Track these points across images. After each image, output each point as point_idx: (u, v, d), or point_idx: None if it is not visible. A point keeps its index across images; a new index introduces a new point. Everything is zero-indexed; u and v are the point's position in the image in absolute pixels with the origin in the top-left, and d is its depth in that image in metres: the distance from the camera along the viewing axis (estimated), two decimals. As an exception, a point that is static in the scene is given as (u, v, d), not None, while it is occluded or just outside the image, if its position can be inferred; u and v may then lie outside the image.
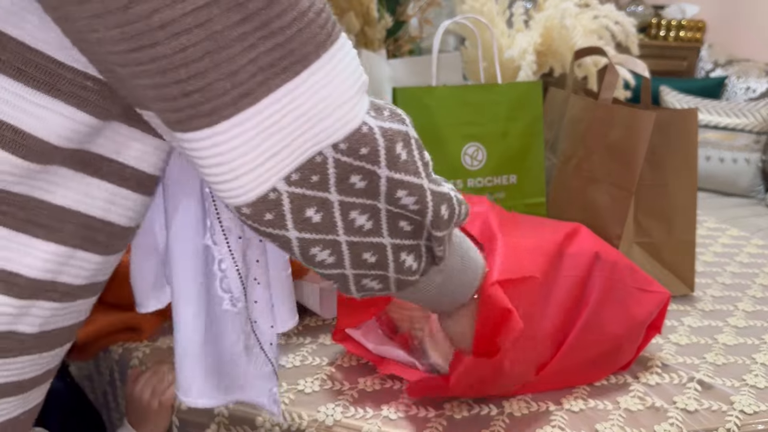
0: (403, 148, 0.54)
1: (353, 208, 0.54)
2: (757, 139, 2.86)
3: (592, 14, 1.56)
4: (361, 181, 0.53)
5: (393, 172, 0.53)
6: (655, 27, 3.77)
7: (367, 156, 0.51)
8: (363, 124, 0.50)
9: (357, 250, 0.56)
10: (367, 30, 1.55)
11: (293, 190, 0.50)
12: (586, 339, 0.81)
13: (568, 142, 1.22)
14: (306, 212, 0.51)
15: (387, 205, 0.55)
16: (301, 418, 0.76)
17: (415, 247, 0.59)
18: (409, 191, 0.55)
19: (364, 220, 0.55)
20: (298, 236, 0.53)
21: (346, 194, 0.53)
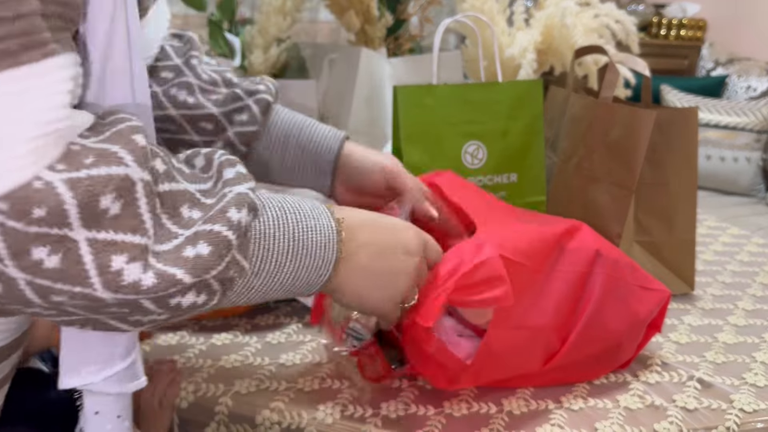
0: (117, 198, 0.43)
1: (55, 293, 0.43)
2: (758, 137, 2.86)
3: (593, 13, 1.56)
4: (51, 255, 0.42)
5: (95, 232, 0.43)
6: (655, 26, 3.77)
7: (46, 219, 0.41)
8: (35, 179, 0.40)
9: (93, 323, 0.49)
10: (367, 28, 1.55)
11: None
12: (589, 335, 0.81)
13: (568, 141, 1.22)
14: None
15: (105, 290, 0.44)
16: (301, 417, 0.76)
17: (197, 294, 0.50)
18: (130, 256, 0.44)
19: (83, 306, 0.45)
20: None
21: (35, 274, 0.42)
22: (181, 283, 0.47)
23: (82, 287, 0.44)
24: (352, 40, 1.60)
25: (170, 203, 0.49)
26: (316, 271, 0.59)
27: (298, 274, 0.58)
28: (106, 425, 0.61)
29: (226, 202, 0.50)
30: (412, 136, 1.09)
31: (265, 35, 1.49)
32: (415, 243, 0.67)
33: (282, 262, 0.56)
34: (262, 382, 0.82)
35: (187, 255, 0.47)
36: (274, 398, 0.78)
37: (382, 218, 0.68)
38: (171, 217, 0.49)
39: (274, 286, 0.57)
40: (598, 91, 1.17)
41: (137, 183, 0.44)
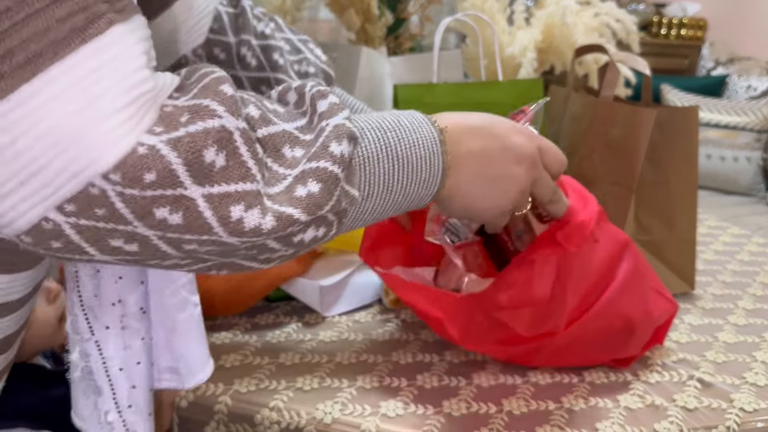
0: (219, 151, 0.44)
1: (185, 243, 0.46)
2: (758, 137, 2.86)
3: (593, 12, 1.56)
4: (173, 214, 0.43)
5: (209, 186, 0.44)
6: (656, 25, 3.77)
7: (158, 182, 0.42)
8: (138, 145, 0.41)
9: (228, 266, 0.51)
10: (367, 27, 1.55)
11: (76, 221, 0.42)
12: (608, 312, 0.81)
13: (568, 140, 1.21)
14: (112, 242, 0.44)
15: (236, 238, 0.46)
16: (300, 416, 0.76)
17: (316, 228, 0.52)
18: (246, 203, 0.45)
19: (215, 256, 0.48)
20: (116, 259, 0.46)
21: (164, 230, 0.44)
22: (299, 222, 0.48)
23: (209, 236, 0.45)
24: (352, 39, 1.60)
25: (272, 146, 0.49)
26: (424, 184, 0.58)
27: (407, 190, 0.57)
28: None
29: (326, 136, 0.50)
30: (412, 135, 1.08)
31: (265, 34, 1.49)
32: (527, 150, 0.63)
33: (390, 182, 0.56)
34: (262, 381, 0.82)
35: (300, 194, 0.48)
36: (273, 397, 0.78)
37: (492, 123, 0.64)
38: (276, 159, 0.49)
39: (386, 205, 0.57)
40: (599, 90, 1.17)
41: (234, 132, 0.45)
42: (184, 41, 0.83)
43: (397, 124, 0.57)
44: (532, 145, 0.64)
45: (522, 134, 0.64)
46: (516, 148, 0.63)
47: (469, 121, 0.62)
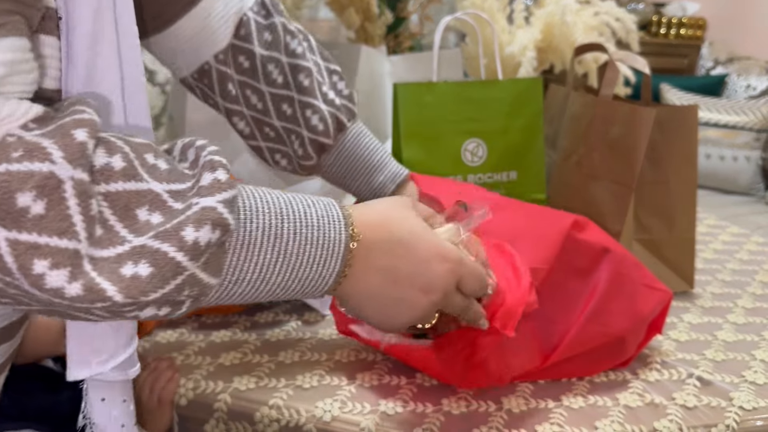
0: (37, 198, 0.40)
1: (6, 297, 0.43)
2: (758, 137, 2.86)
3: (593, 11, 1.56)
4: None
5: (16, 232, 0.40)
6: (655, 24, 3.77)
7: None
8: None
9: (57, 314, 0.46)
10: (367, 26, 1.55)
11: None
12: (592, 330, 0.81)
13: (568, 139, 1.22)
14: None
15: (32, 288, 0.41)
16: (299, 414, 0.76)
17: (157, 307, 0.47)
18: (54, 261, 0.40)
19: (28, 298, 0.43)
20: None
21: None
22: (111, 300, 0.43)
23: (11, 279, 0.41)
24: (351, 38, 1.60)
25: (124, 204, 0.44)
26: (311, 283, 0.54)
27: (288, 285, 0.53)
28: (113, 411, 0.62)
29: (186, 217, 0.45)
30: (412, 133, 1.09)
31: (264, 33, 1.49)
32: (440, 282, 0.59)
33: (268, 274, 0.51)
34: (261, 379, 0.82)
35: (125, 273, 0.43)
36: (272, 395, 0.78)
37: (416, 242, 0.58)
38: (122, 219, 0.44)
39: (259, 293, 0.52)
40: (598, 89, 1.17)
41: (65, 182, 0.41)
42: (206, 46, 0.80)
43: (302, 216, 0.52)
44: (451, 277, 0.59)
45: (445, 263, 0.59)
46: (429, 276, 0.58)
47: (391, 233, 0.57)
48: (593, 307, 0.81)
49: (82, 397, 0.84)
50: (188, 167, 0.50)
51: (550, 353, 0.80)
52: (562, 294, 0.81)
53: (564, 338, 0.80)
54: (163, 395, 0.80)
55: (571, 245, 0.82)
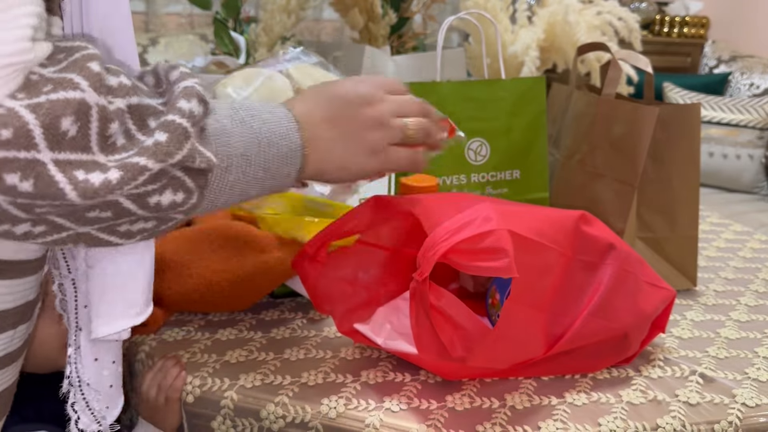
0: (75, 122, 0.46)
1: (37, 207, 0.47)
2: (761, 135, 2.86)
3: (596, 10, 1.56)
4: (23, 182, 0.45)
5: (58, 153, 0.45)
6: (658, 23, 3.77)
7: (14, 141, 0.43)
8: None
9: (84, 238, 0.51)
10: (371, 26, 1.55)
11: None
12: (595, 324, 0.81)
13: (571, 138, 1.22)
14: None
15: (81, 199, 0.47)
16: (305, 411, 0.77)
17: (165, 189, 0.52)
18: (87, 169, 0.47)
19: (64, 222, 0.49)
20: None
21: (15, 196, 0.45)
22: (147, 170, 0.49)
23: (61, 200, 0.46)
24: (356, 38, 1.61)
25: (138, 115, 0.50)
26: (284, 159, 0.61)
27: (268, 164, 0.60)
28: (103, 371, 0.67)
29: (175, 96, 0.52)
30: (416, 132, 1.09)
31: (269, 33, 1.50)
32: (368, 91, 0.68)
33: (248, 155, 0.58)
34: (267, 376, 0.82)
35: (147, 144, 0.49)
36: (278, 392, 0.79)
37: (334, 87, 0.68)
38: (140, 129, 0.50)
39: (249, 179, 0.58)
40: (601, 88, 1.18)
41: (92, 107, 0.46)
42: None
43: (248, 105, 0.60)
44: (372, 85, 0.68)
45: (361, 82, 0.68)
46: (360, 94, 0.67)
47: (310, 95, 0.66)
48: (598, 301, 0.81)
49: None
50: (153, 89, 0.56)
51: (554, 343, 0.80)
52: (569, 286, 0.81)
53: (568, 330, 0.81)
54: (171, 393, 0.81)
55: (579, 237, 0.82)
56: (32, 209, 0.47)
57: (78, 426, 0.65)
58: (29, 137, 0.44)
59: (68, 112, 0.45)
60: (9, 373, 0.60)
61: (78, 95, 0.45)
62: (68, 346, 0.65)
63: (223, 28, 1.48)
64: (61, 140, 0.45)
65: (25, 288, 0.59)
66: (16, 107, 0.43)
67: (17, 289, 0.58)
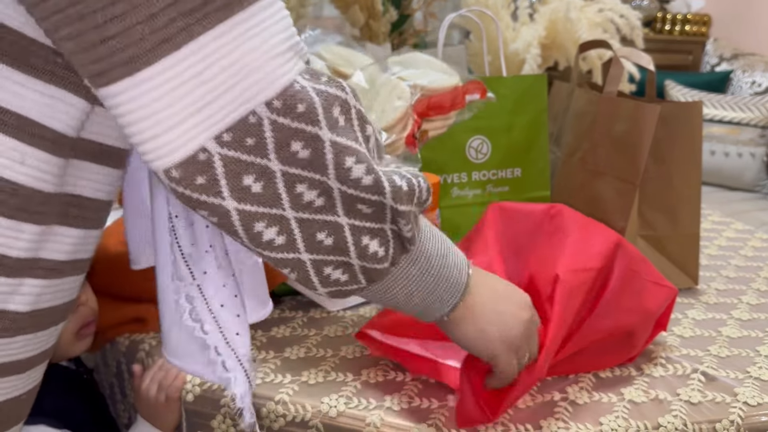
0: (341, 113, 0.52)
1: (299, 181, 0.51)
2: (762, 133, 2.85)
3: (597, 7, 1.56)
4: (304, 149, 0.50)
5: (335, 135, 0.51)
6: (660, 21, 3.76)
7: (305, 114, 0.49)
8: (295, 82, 0.49)
9: (309, 228, 0.54)
10: (371, 23, 1.55)
11: (226, 152, 0.48)
12: (603, 323, 0.81)
13: (572, 136, 1.22)
14: (244, 179, 0.49)
15: (339, 183, 0.52)
16: (305, 410, 0.76)
17: (378, 231, 0.56)
18: (357, 158, 0.52)
19: (314, 196, 0.53)
20: (238, 207, 0.50)
21: (289, 164, 0.50)
22: (385, 197, 0.54)
23: (321, 176, 0.52)
24: (356, 36, 1.60)
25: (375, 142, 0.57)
26: (456, 284, 0.64)
27: (446, 278, 0.63)
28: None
29: (415, 173, 0.58)
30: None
31: (269, 30, 1.49)
32: (527, 300, 0.71)
33: (432, 255, 0.62)
34: (267, 375, 0.82)
35: (394, 179, 0.55)
36: (279, 391, 0.79)
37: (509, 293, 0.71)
38: (377, 151, 0.57)
39: (412, 290, 0.62)
40: (603, 85, 1.17)
41: (352, 108, 0.53)
42: None
43: (443, 239, 0.65)
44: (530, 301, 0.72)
45: (522, 291, 0.72)
46: (521, 296, 0.71)
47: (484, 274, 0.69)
48: (605, 300, 0.81)
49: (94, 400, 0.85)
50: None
51: (564, 345, 0.80)
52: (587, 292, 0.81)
53: (576, 331, 0.80)
54: (171, 392, 0.81)
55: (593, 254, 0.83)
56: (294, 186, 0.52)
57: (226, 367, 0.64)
58: (315, 114, 0.50)
59: (337, 103, 0.51)
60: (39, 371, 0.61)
61: (343, 95, 0.52)
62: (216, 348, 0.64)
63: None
64: (335, 124, 0.51)
65: (73, 286, 0.60)
66: (307, 86, 0.49)
67: (66, 287, 0.59)
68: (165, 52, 0.44)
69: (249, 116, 0.48)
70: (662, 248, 1.13)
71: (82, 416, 0.84)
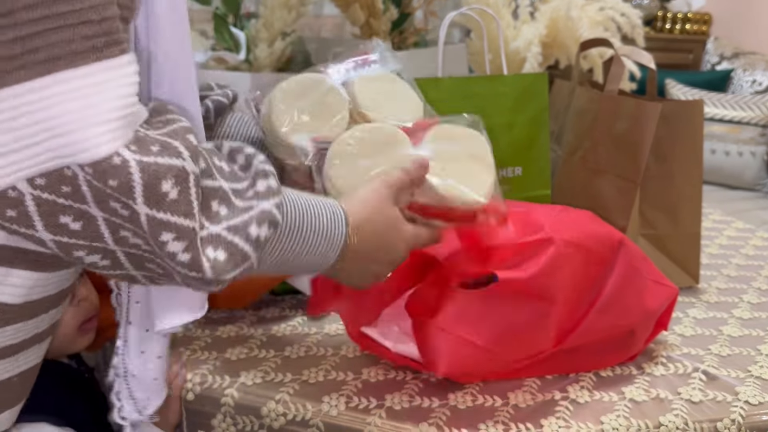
0: (174, 185, 0.51)
1: (123, 229, 0.52)
2: (763, 132, 2.85)
3: (598, 6, 1.55)
4: (123, 209, 0.50)
5: (155, 210, 0.50)
6: (660, 20, 3.76)
7: (118, 189, 0.49)
8: (115, 155, 0.48)
9: (136, 260, 0.55)
10: (372, 22, 1.55)
11: (39, 194, 0.49)
12: (604, 320, 0.81)
13: (573, 134, 1.21)
14: (60, 218, 0.50)
15: (156, 248, 0.52)
16: (306, 409, 0.76)
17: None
18: (177, 234, 0.52)
19: (140, 242, 0.53)
20: (53, 239, 0.51)
21: (111, 214, 0.51)
22: (204, 274, 0.54)
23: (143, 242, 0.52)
24: (356, 34, 1.60)
25: (204, 197, 0.55)
26: (316, 261, 0.65)
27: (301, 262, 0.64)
28: (148, 364, 0.70)
29: (250, 216, 0.56)
30: (417, 129, 1.08)
31: (270, 29, 1.49)
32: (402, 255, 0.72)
33: (289, 255, 0.63)
34: (268, 374, 0.82)
35: (209, 254, 0.54)
36: (279, 390, 0.79)
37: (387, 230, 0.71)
38: (203, 209, 0.54)
39: (279, 268, 0.65)
40: (603, 84, 1.17)
41: (190, 175, 0.52)
42: None
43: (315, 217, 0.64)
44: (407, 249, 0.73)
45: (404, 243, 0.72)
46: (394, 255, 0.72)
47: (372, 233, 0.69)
48: (606, 297, 0.81)
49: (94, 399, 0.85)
50: (239, 169, 0.61)
51: (563, 338, 0.80)
52: (585, 280, 0.81)
53: (578, 325, 0.80)
54: (171, 391, 0.81)
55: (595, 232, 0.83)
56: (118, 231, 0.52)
57: (121, 414, 0.69)
58: (131, 192, 0.49)
59: (170, 175, 0.50)
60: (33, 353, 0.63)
61: (180, 163, 0.51)
62: (117, 338, 0.68)
63: (223, 24, 1.48)
64: (161, 200, 0.50)
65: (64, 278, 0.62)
66: (130, 161, 0.48)
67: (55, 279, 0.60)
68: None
69: (65, 169, 0.48)
70: (663, 247, 1.13)
71: (83, 414, 0.84)
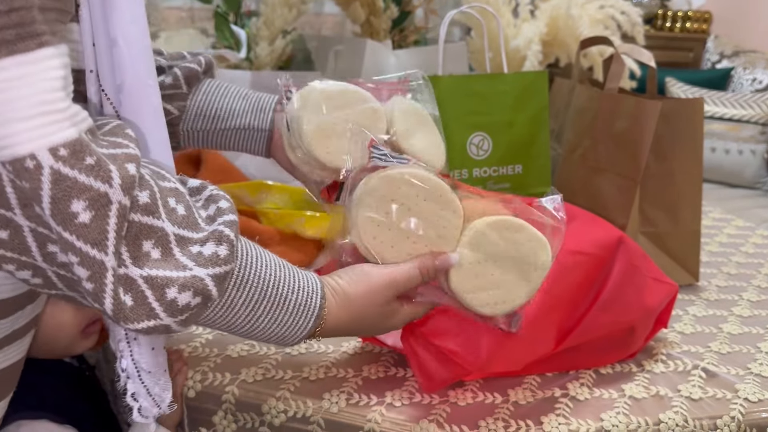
0: (88, 209, 0.47)
1: (50, 243, 0.49)
2: (763, 130, 2.85)
3: (598, 4, 1.56)
4: (43, 218, 0.48)
5: (62, 228, 0.47)
6: (661, 18, 3.75)
7: (30, 193, 0.46)
8: (29, 157, 0.45)
9: (67, 281, 0.52)
10: (372, 20, 1.55)
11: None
12: (604, 318, 0.81)
13: (573, 132, 1.22)
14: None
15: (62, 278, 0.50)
16: (306, 406, 0.76)
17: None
18: (81, 260, 0.48)
19: (69, 257, 0.49)
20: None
21: (37, 223, 0.48)
22: (107, 311, 0.50)
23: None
24: (357, 32, 1.60)
25: (134, 233, 0.51)
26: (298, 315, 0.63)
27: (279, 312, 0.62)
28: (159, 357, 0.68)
29: (177, 276, 0.52)
30: (418, 127, 1.09)
31: (270, 27, 1.49)
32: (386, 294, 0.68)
33: (238, 329, 0.61)
34: (268, 371, 0.82)
35: (119, 294, 0.50)
36: (280, 387, 0.79)
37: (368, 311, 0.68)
38: (127, 246, 0.50)
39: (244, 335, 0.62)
40: (604, 82, 1.17)
41: (114, 203, 0.48)
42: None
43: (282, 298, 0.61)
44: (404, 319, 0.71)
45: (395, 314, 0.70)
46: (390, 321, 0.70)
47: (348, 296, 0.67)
48: (606, 295, 0.81)
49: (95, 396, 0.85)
50: (205, 220, 0.57)
51: (564, 338, 0.80)
52: (586, 281, 0.81)
53: (578, 324, 0.80)
54: (172, 388, 0.81)
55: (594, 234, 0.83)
56: (45, 244, 0.50)
57: (141, 413, 0.67)
58: (38, 200, 0.46)
59: (84, 197, 0.46)
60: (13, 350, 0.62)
61: (103, 188, 0.47)
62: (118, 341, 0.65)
63: (224, 22, 1.48)
64: (68, 220, 0.46)
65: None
66: (45, 168, 0.45)
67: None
68: None
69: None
70: (663, 245, 1.13)
71: (84, 412, 0.84)
